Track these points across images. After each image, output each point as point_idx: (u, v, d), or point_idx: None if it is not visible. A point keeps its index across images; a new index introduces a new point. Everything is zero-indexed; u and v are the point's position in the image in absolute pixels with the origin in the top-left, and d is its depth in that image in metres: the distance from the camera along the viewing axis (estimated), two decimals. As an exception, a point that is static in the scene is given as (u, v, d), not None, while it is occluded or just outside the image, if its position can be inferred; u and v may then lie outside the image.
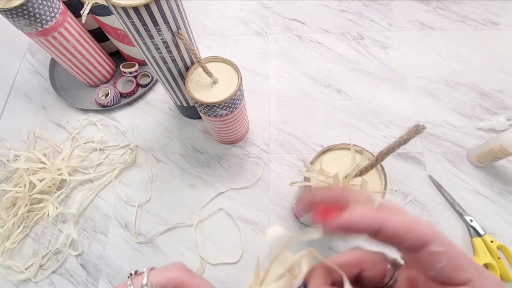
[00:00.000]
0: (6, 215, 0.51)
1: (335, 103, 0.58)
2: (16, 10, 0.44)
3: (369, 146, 0.33)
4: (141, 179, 0.54)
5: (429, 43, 0.62)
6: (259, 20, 0.68)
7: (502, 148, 0.44)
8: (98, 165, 0.56)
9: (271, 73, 0.62)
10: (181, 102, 0.52)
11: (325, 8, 0.68)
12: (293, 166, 0.53)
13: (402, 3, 0.67)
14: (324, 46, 0.64)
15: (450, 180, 0.50)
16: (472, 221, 0.46)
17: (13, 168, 0.54)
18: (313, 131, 0.56)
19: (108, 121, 0.60)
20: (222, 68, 0.43)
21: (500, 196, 0.49)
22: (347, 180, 0.29)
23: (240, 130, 0.52)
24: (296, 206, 0.45)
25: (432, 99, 0.57)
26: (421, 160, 0.52)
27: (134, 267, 0.48)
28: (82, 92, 0.63)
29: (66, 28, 0.51)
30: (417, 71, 0.60)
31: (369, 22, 0.66)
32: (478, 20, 0.64)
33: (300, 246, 0.48)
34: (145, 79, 0.62)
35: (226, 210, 0.51)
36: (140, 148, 0.57)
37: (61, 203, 0.53)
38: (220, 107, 0.41)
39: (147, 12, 0.33)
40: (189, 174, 0.54)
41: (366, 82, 0.59)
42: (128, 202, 0.53)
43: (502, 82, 0.57)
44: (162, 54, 0.40)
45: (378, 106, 0.57)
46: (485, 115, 0.55)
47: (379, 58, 0.62)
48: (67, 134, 0.59)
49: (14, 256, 0.51)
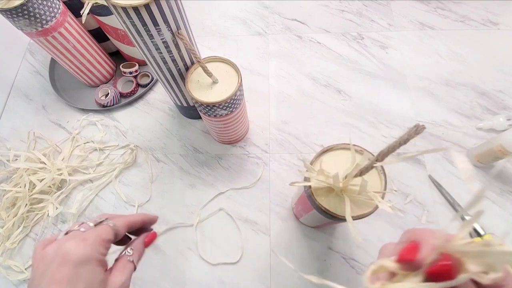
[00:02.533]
0: (6, 215, 0.51)
1: (335, 103, 0.58)
2: (16, 10, 0.44)
3: (369, 146, 0.33)
4: (141, 179, 0.54)
5: (429, 43, 0.62)
6: (259, 20, 0.68)
7: (502, 148, 0.44)
8: (98, 165, 0.56)
9: (271, 73, 0.62)
10: (181, 102, 0.52)
11: (325, 8, 0.68)
12: (293, 166, 0.53)
13: (402, 3, 0.67)
14: (324, 46, 0.64)
15: (450, 180, 0.50)
16: (472, 221, 0.46)
17: (13, 168, 0.54)
18: (313, 131, 0.56)
19: (108, 121, 0.60)
20: (222, 68, 0.43)
21: (500, 196, 0.49)
22: (347, 180, 0.29)
23: (240, 130, 0.52)
24: (296, 206, 0.45)
25: (432, 99, 0.57)
26: (421, 160, 0.52)
27: (134, 267, 0.48)
28: (82, 92, 0.63)
29: (66, 28, 0.51)
30: (417, 71, 0.60)
31: (369, 22, 0.66)
32: (478, 20, 0.64)
33: (302, 247, 0.48)
34: (145, 79, 0.62)
35: (226, 210, 0.51)
36: (140, 148, 0.57)
37: (61, 203, 0.53)
38: (220, 107, 0.41)
39: (147, 12, 0.33)
40: (189, 174, 0.54)
41: (366, 82, 0.59)
42: (128, 202, 0.53)
43: (502, 82, 0.57)
44: (162, 54, 0.40)
45: (378, 106, 0.57)
46: (485, 115, 0.55)
47: (379, 58, 0.62)
48: (67, 134, 0.59)
49: (14, 256, 0.51)
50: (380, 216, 0.48)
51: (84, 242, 0.23)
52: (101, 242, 0.23)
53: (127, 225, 0.27)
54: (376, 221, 0.48)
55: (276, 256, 0.47)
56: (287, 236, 0.49)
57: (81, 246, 0.22)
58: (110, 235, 0.24)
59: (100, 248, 0.23)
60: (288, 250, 0.48)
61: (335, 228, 0.49)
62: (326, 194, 0.31)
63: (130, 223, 0.27)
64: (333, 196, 0.31)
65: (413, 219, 0.48)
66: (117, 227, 0.26)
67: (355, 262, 0.46)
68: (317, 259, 0.47)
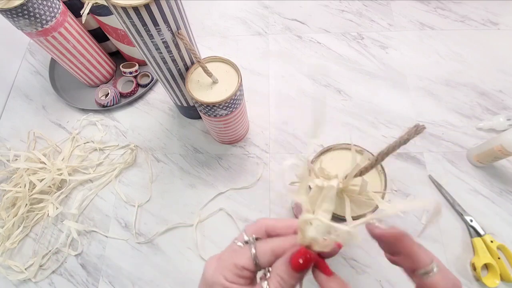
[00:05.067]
0: (6, 215, 0.51)
1: (335, 103, 0.58)
2: (16, 10, 0.44)
3: (369, 146, 0.33)
4: (141, 179, 0.54)
5: (429, 43, 0.62)
6: (259, 20, 0.68)
7: (502, 148, 0.44)
8: (98, 165, 0.56)
9: (271, 73, 0.62)
10: (181, 102, 0.52)
11: (325, 8, 0.68)
12: (293, 166, 0.53)
13: (402, 3, 0.67)
14: (324, 46, 0.64)
15: (450, 180, 0.50)
16: (472, 221, 0.46)
17: (13, 168, 0.54)
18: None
19: (108, 121, 0.60)
20: (222, 68, 0.43)
21: (500, 196, 0.49)
22: (347, 180, 0.29)
23: (240, 130, 0.52)
24: (296, 206, 0.45)
25: (432, 99, 0.57)
26: (421, 160, 0.52)
27: (134, 267, 0.48)
28: (82, 92, 0.63)
29: (66, 28, 0.51)
30: (417, 71, 0.60)
31: (369, 22, 0.66)
32: (478, 20, 0.64)
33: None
34: (145, 79, 0.62)
35: (226, 210, 0.51)
36: (140, 148, 0.57)
37: (61, 203, 0.53)
38: (220, 107, 0.41)
39: (147, 12, 0.33)
40: (189, 174, 0.54)
41: (366, 82, 0.59)
42: (128, 202, 0.53)
43: (502, 82, 0.57)
44: (162, 54, 0.40)
45: (378, 106, 0.57)
46: (485, 115, 0.55)
47: (379, 58, 0.62)
48: (67, 134, 0.59)
49: (14, 256, 0.51)
50: (380, 216, 0.48)
51: (216, 263, 0.21)
52: (231, 267, 0.20)
53: (271, 253, 0.21)
54: (376, 221, 0.48)
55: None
56: (287, 236, 0.49)
57: (212, 267, 0.21)
58: (246, 260, 0.20)
59: (227, 274, 0.20)
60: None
61: (335, 228, 0.49)
62: (326, 194, 0.31)
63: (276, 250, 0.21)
64: (333, 196, 0.31)
65: (413, 219, 0.48)
66: (259, 252, 0.20)
67: (355, 262, 0.46)
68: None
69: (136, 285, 0.47)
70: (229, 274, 0.20)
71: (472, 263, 0.44)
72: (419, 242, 0.20)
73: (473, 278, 0.44)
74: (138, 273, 0.48)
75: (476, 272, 0.43)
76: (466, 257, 0.45)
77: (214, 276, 0.20)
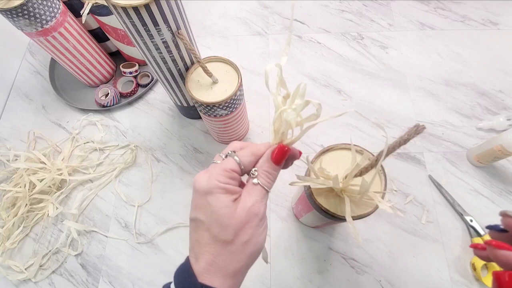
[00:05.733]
0: (6, 215, 0.51)
1: (335, 103, 0.58)
2: (16, 10, 0.44)
3: (369, 146, 0.33)
4: (141, 179, 0.54)
5: (429, 43, 0.62)
6: (259, 20, 0.68)
7: (502, 148, 0.44)
8: (98, 165, 0.56)
9: (271, 73, 0.62)
10: (181, 102, 0.52)
11: (325, 8, 0.68)
12: (293, 166, 0.53)
13: (402, 3, 0.67)
14: (324, 46, 0.64)
15: (450, 180, 0.50)
16: (472, 221, 0.46)
17: (13, 168, 0.54)
18: (313, 131, 0.56)
19: (108, 121, 0.60)
20: (222, 68, 0.43)
21: (500, 196, 0.49)
22: (347, 180, 0.29)
23: (240, 130, 0.52)
24: (296, 206, 0.45)
25: (432, 99, 0.57)
26: (421, 160, 0.52)
27: (134, 267, 0.48)
28: (82, 92, 0.63)
29: (66, 28, 0.51)
30: (417, 71, 0.60)
31: (369, 22, 0.66)
32: (478, 20, 0.64)
33: (302, 247, 0.48)
34: (145, 79, 0.62)
35: (226, 210, 0.51)
36: (140, 148, 0.57)
37: (61, 203, 0.53)
38: (220, 107, 0.41)
39: (147, 12, 0.33)
40: (189, 174, 0.54)
41: (366, 82, 0.59)
42: (128, 202, 0.53)
43: (502, 82, 0.57)
44: (162, 54, 0.40)
45: (378, 106, 0.57)
46: (485, 115, 0.55)
47: (379, 58, 0.62)
48: (67, 134, 0.59)
49: (14, 256, 0.51)
50: (380, 216, 0.48)
51: (206, 174, 0.24)
52: (221, 172, 0.24)
53: (251, 154, 0.26)
54: (376, 221, 0.48)
55: (276, 255, 0.47)
56: (287, 236, 0.49)
57: (204, 178, 0.24)
58: (232, 165, 0.24)
59: (220, 177, 0.23)
60: (288, 250, 0.48)
61: (335, 228, 0.49)
62: (326, 194, 0.32)
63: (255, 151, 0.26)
64: (333, 196, 0.31)
65: (413, 219, 0.48)
66: (240, 157, 0.25)
67: (355, 262, 0.46)
68: (317, 259, 0.47)
69: (136, 285, 0.47)
70: (222, 177, 0.23)
71: (472, 263, 0.44)
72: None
73: (473, 278, 0.44)
74: (138, 273, 0.48)
75: (476, 272, 0.43)
76: (466, 257, 0.45)
77: (209, 183, 0.23)
